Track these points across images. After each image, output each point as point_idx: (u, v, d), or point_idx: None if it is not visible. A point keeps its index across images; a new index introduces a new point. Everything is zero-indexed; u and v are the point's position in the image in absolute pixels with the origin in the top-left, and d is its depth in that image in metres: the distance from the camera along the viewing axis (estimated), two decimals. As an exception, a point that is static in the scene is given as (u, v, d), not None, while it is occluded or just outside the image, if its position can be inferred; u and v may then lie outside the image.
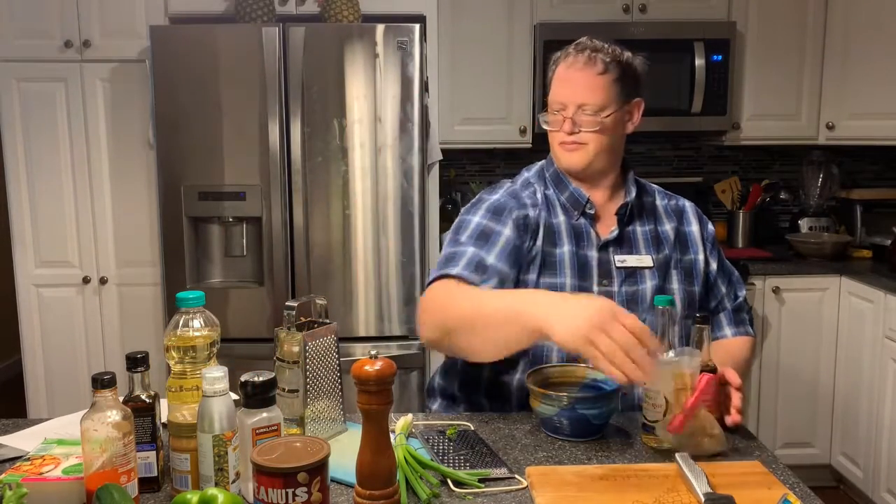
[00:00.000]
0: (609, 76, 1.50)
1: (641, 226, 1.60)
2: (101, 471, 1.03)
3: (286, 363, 1.29)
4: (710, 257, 1.64)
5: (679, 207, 1.67)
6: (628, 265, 1.55)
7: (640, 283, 1.55)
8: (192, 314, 1.16)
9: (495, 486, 1.16)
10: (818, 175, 3.48)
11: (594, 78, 1.49)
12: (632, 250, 1.57)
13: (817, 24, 3.24)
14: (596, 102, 1.49)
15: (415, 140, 2.78)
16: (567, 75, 1.51)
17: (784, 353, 3.12)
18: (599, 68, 1.49)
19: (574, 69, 1.50)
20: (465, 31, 3.17)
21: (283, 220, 2.79)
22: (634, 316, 1.17)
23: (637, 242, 1.59)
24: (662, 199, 1.66)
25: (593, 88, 1.49)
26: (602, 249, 1.56)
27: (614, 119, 1.52)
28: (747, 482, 1.14)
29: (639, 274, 1.56)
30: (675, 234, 1.61)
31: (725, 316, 1.66)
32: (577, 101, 1.49)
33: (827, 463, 3.17)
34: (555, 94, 1.54)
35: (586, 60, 1.50)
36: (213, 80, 2.74)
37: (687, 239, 1.63)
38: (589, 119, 1.50)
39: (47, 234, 3.09)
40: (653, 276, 1.56)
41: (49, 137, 3.05)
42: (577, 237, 1.55)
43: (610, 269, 1.55)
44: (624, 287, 1.54)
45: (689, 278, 1.59)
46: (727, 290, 1.67)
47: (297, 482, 0.94)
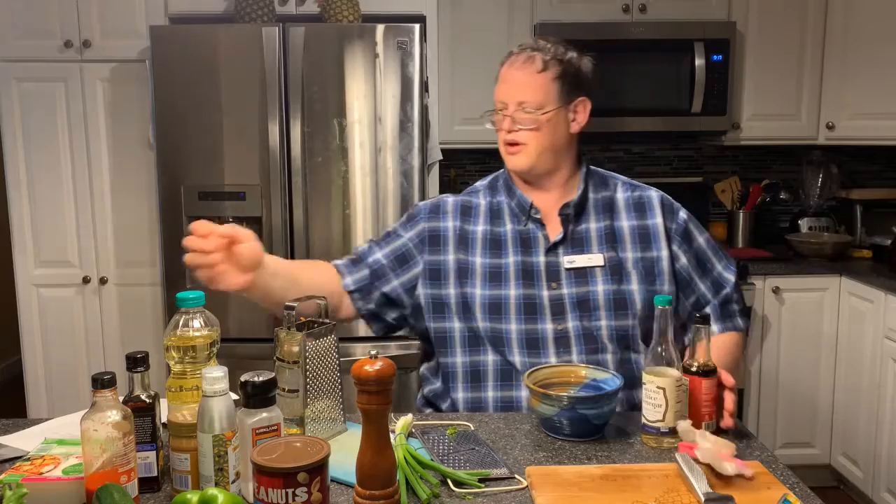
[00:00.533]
0: (548, 74, 1.51)
1: (596, 222, 1.57)
2: (101, 471, 1.03)
3: (286, 363, 1.29)
4: (680, 251, 1.58)
5: (643, 199, 1.61)
6: (577, 265, 1.54)
7: (591, 285, 1.53)
8: (192, 314, 1.16)
9: (495, 486, 1.16)
10: (818, 175, 3.48)
11: (532, 76, 1.51)
12: (583, 249, 1.55)
13: (817, 24, 3.24)
14: (534, 100, 1.50)
15: (415, 140, 2.78)
16: (507, 74, 1.54)
17: (784, 352, 3.12)
18: (538, 66, 1.51)
19: (514, 68, 1.53)
20: (465, 31, 3.17)
21: (283, 220, 2.79)
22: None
23: (590, 241, 1.56)
24: (625, 192, 1.62)
25: (531, 86, 1.51)
26: (550, 252, 1.55)
27: (554, 117, 1.52)
28: (747, 482, 1.14)
29: (589, 274, 1.53)
30: (634, 230, 1.57)
31: (711, 311, 1.60)
32: (516, 99, 1.51)
33: (827, 463, 3.17)
34: (496, 94, 1.56)
35: (525, 59, 1.52)
36: (213, 80, 2.74)
37: (649, 233, 1.57)
38: (527, 117, 1.51)
39: (47, 234, 3.09)
40: (605, 278, 1.53)
41: (49, 137, 3.05)
42: (523, 243, 1.56)
43: (558, 272, 1.54)
44: (574, 289, 1.53)
45: (651, 277, 1.54)
46: (708, 285, 1.60)
47: (297, 482, 0.94)
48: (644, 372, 1.30)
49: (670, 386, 1.26)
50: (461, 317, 1.55)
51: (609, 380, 1.38)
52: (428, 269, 1.58)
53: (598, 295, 1.52)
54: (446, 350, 1.57)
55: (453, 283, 1.56)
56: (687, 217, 1.62)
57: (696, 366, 1.29)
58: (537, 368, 1.42)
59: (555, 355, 1.51)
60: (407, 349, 2.84)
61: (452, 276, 1.56)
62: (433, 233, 1.60)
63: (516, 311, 1.52)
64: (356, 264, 1.60)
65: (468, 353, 1.55)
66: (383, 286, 1.58)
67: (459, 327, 1.55)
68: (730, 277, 1.62)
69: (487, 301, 1.53)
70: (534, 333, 1.52)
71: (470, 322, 1.54)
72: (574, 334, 1.51)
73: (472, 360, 1.55)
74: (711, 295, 1.61)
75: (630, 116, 3.23)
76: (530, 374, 1.39)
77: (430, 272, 1.58)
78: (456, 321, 1.55)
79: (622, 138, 3.62)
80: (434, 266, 1.58)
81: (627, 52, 3.16)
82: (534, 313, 1.52)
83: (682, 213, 1.62)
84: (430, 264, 1.58)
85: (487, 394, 1.54)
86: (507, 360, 1.53)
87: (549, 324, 1.52)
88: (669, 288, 1.55)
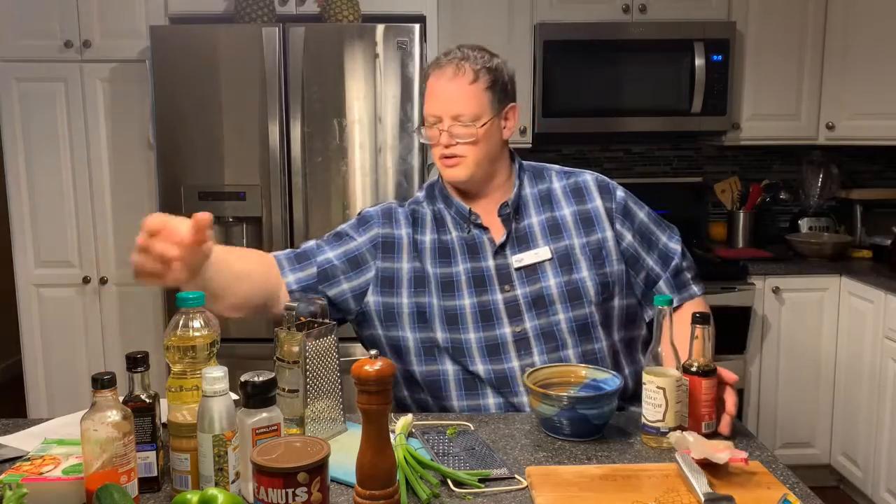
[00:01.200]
0: (479, 85, 1.49)
1: (538, 215, 1.57)
2: (101, 471, 1.03)
3: (286, 363, 1.29)
4: (623, 229, 1.57)
5: (578, 185, 1.60)
6: (526, 263, 1.53)
7: (542, 280, 1.52)
8: (192, 314, 1.16)
9: (495, 486, 1.16)
10: (818, 175, 3.48)
11: (465, 88, 1.48)
12: (529, 245, 1.54)
13: (817, 24, 3.24)
14: (470, 113, 1.48)
15: (415, 140, 2.78)
16: (438, 87, 1.50)
17: (784, 353, 3.12)
18: (469, 77, 1.48)
19: (444, 80, 1.49)
20: (465, 31, 3.17)
21: (283, 220, 2.79)
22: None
23: (534, 236, 1.55)
24: (560, 181, 1.61)
25: (465, 99, 1.48)
26: (498, 255, 1.54)
27: (489, 128, 1.50)
28: (747, 482, 1.14)
29: (539, 270, 1.53)
30: (576, 216, 1.57)
31: (665, 284, 1.58)
32: (451, 113, 1.48)
33: (827, 463, 3.17)
34: (429, 107, 1.52)
35: (455, 71, 1.49)
36: (213, 80, 2.74)
37: (591, 217, 1.57)
38: (464, 131, 1.49)
39: (47, 234, 3.09)
40: (555, 271, 1.52)
41: (49, 137, 3.05)
42: (470, 250, 1.55)
43: (509, 273, 1.53)
44: (527, 287, 1.52)
45: (600, 260, 1.54)
46: (657, 259, 1.59)
47: (297, 482, 0.94)
48: (644, 372, 1.30)
49: (670, 386, 1.26)
50: (415, 326, 1.53)
51: (609, 380, 1.38)
52: (381, 275, 1.54)
53: (552, 289, 1.51)
54: (401, 359, 1.55)
55: (406, 292, 1.53)
56: (625, 195, 1.62)
57: (696, 366, 1.29)
58: (537, 368, 1.42)
59: (516, 358, 1.50)
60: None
61: (406, 284, 1.53)
62: (387, 239, 1.56)
63: (473, 319, 1.51)
64: (301, 261, 1.54)
65: (424, 363, 1.53)
66: (330, 289, 1.53)
67: (413, 337, 1.53)
68: (676, 247, 1.61)
69: (444, 312, 1.51)
70: (493, 339, 1.51)
71: (427, 332, 1.52)
72: (533, 334, 1.50)
73: (429, 370, 1.53)
74: (661, 268, 1.59)
75: (630, 116, 3.23)
76: (530, 374, 1.39)
77: (382, 279, 1.54)
78: (409, 331, 1.53)
79: (622, 138, 3.62)
80: (387, 273, 1.54)
81: (627, 52, 3.16)
82: (490, 319, 1.51)
83: (619, 192, 1.61)
84: (383, 271, 1.55)
85: (452, 402, 1.52)
86: (468, 370, 1.51)
87: (506, 327, 1.51)
88: (618, 268, 1.55)
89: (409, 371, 1.55)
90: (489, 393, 1.51)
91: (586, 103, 3.20)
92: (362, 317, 1.57)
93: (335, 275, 1.54)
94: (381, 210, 1.61)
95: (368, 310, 1.55)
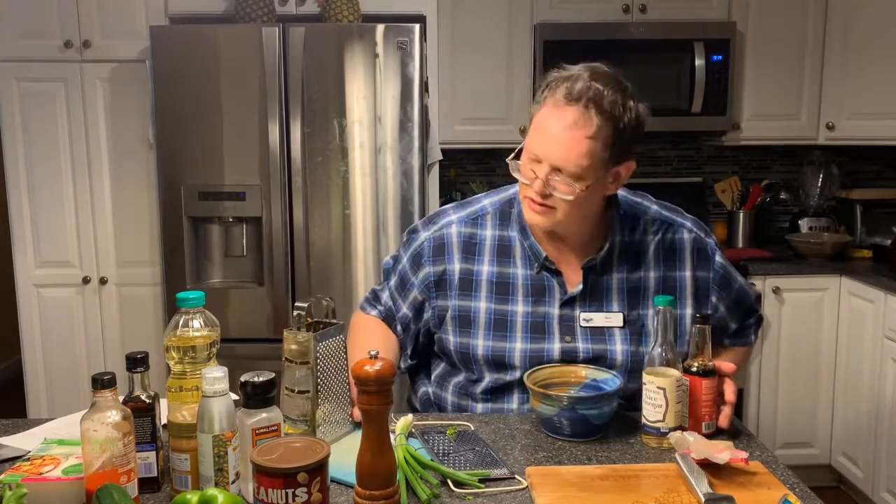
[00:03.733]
0: (599, 142, 1.28)
1: (619, 272, 1.44)
2: (101, 471, 1.03)
3: (295, 363, 1.28)
4: (719, 302, 1.47)
5: (674, 245, 1.45)
6: (594, 325, 1.42)
7: (609, 343, 1.42)
8: (192, 314, 1.16)
9: (495, 486, 1.16)
10: (818, 175, 3.48)
11: (580, 142, 1.28)
12: (602, 305, 1.42)
13: (817, 24, 3.24)
14: (575, 170, 1.29)
15: (415, 140, 2.78)
16: (551, 129, 1.30)
17: (784, 353, 3.12)
18: (590, 131, 1.28)
19: (561, 124, 1.29)
20: (465, 31, 3.17)
21: (283, 220, 2.79)
22: None
23: (610, 295, 1.43)
24: (655, 234, 1.45)
25: (576, 155, 1.28)
26: (565, 305, 1.43)
27: (593, 189, 1.33)
28: (747, 482, 1.14)
29: (607, 332, 1.43)
30: (660, 283, 1.44)
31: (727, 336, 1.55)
32: (555, 163, 1.30)
33: (827, 463, 3.17)
34: (532, 143, 1.33)
35: (577, 119, 1.28)
36: (213, 80, 2.74)
37: (675, 287, 1.44)
38: (564, 187, 1.31)
39: (47, 234, 3.09)
40: (624, 338, 1.42)
41: (49, 137, 3.05)
42: (535, 292, 1.44)
43: (573, 327, 1.43)
44: (590, 345, 1.42)
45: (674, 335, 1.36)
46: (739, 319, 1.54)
47: (297, 482, 0.94)
48: (644, 372, 1.30)
49: (670, 386, 1.26)
50: (461, 364, 1.49)
51: (609, 380, 1.38)
52: (437, 314, 1.50)
53: (616, 355, 1.42)
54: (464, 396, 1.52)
55: (452, 330, 1.47)
56: (723, 261, 1.48)
57: (696, 366, 1.29)
58: (537, 368, 1.42)
59: None
60: (407, 349, 2.84)
61: (451, 323, 1.47)
62: (438, 278, 1.49)
63: (521, 362, 1.43)
64: (390, 323, 1.56)
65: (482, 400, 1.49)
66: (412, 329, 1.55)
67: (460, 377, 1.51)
68: (758, 306, 1.57)
69: (490, 353, 1.44)
70: None
71: (471, 374, 1.48)
72: None
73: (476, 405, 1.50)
74: (735, 323, 1.55)
75: (630, 116, 3.22)
76: (530, 374, 1.39)
77: (437, 317, 1.50)
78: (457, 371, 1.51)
79: (622, 138, 3.61)
80: (441, 311, 1.50)
81: (627, 52, 3.16)
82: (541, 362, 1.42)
83: (717, 258, 1.47)
84: (438, 309, 1.50)
85: None
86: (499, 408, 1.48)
87: None
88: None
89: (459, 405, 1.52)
90: None
91: (586, 103, 3.19)
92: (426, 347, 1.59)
93: (410, 325, 1.55)
94: (434, 245, 1.49)
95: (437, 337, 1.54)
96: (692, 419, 1.29)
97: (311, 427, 1.27)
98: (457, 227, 1.50)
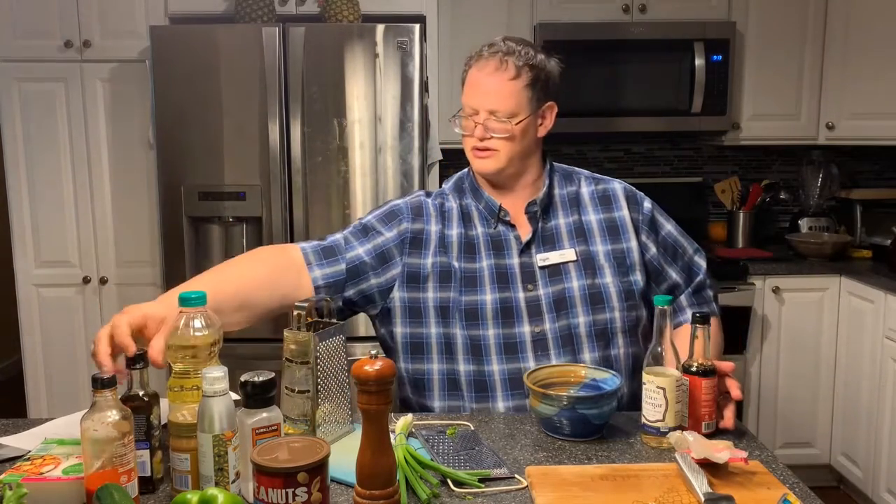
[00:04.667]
0: (520, 81, 1.49)
1: (565, 217, 1.57)
2: (101, 471, 1.03)
3: (295, 363, 1.28)
4: (649, 241, 1.58)
5: (607, 192, 1.61)
6: (550, 262, 1.53)
7: (565, 282, 1.52)
8: (193, 314, 1.16)
9: (495, 486, 1.16)
10: (818, 175, 3.49)
11: (505, 84, 1.48)
12: (554, 246, 1.55)
13: (817, 25, 3.24)
14: (507, 109, 1.48)
15: (415, 140, 2.78)
16: (478, 80, 1.50)
17: (784, 353, 3.12)
18: (511, 73, 1.48)
19: (485, 73, 1.49)
20: (465, 31, 3.17)
21: (283, 220, 2.79)
22: (124, 316, 1.22)
23: (560, 237, 1.56)
24: (589, 186, 1.61)
25: (504, 95, 1.48)
26: (523, 253, 1.54)
27: (525, 125, 1.50)
28: (747, 482, 1.14)
29: (564, 271, 1.53)
30: (602, 223, 1.57)
31: (686, 298, 1.60)
32: (488, 108, 1.48)
33: (827, 463, 3.17)
34: (466, 98, 1.52)
35: (497, 65, 1.48)
36: (213, 80, 2.74)
37: (617, 225, 1.57)
38: (500, 126, 1.49)
39: (47, 234, 3.09)
40: (579, 273, 1.53)
41: (49, 137, 3.05)
42: (495, 247, 1.55)
43: (533, 272, 1.53)
44: (550, 288, 1.52)
45: (623, 268, 1.54)
46: (680, 272, 1.60)
47: (297, 482, 0.94)
48: (644, 372, 1.30)
49: (670, 386, 1.26)
50: (439, 322, 1.52)
51: (609, 380, 1.38)
52: (407, 271, 1.53)
53: (574, 291, 1.52)
54: (421, 357, 1.53)
55: (433, 287, 1.52)
56: (652, 206, 1.62)
57: (696, 366, 1.29)
58: (537, 368, 1.42)
59: (533, 359, 1.49)
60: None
61: (432, 279, 1.53)
62: (416, 235, 1.56)
63: (493, 315, 1.50)
64: (328, 256, 1.53)
65: (444, 361, 1.52)
66: (359, 284, 1.53)
67: (436, 333, 1.52)
68: (701, 262, 1.63)
69: (464, 307, 1.51)
70: (511, 338, 1.50)
71: (448, 328, 1.52)
72: (552, 336, 1.50)
73: (448, 368, 1.52)
74: (684, 282, 1.61)
75: (630, 116, 3.23)
76: (530, 374, 1.39)
77: (408, 275, 1.53)
78: (433, 327, 1.52)
79: (622, 138, 3.62)
80: (413, 269, 1.54)
81: (627, 52, 3.16)
82: (511, 317, 1.51)
83: (646, 203, 1.62)
84: (410, 267, 1.54)
85: (465, 403, 1.52)
86: (481, 371, 1.50)
87: (526, 327, 1.50)
88: (641, 278, 1.55)
89: (427, 371, 1.53)
90: (499, 396, 1.50)
91: (586, 103, 3.20)
92: (385, 313, 1.56)
93: (364, 271, 1.53)
94: (411, 204, 1.60)
95: (393, 306, 1.54)
96: (692, 419, 1.29)
97: (311, 427, 1.27)
98: (429, 199, 1.62)
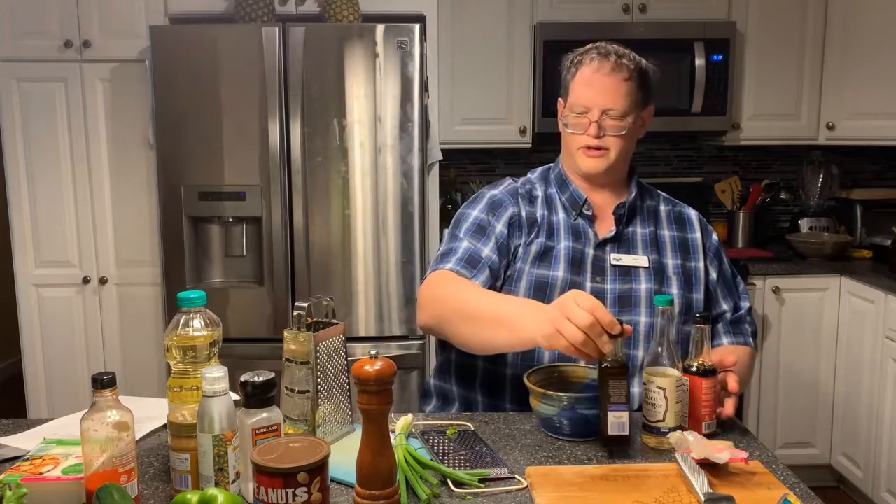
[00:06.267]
0: (633, 83, 1.54)
1: (642, 227, 1.62)
2: (101, 471, 1.03)
3: (295, 363, 1.28)
4: (711, 267, 1.64)
5: (682, 215, 1.68)
6: (623, 264, 1.57)
7: (634, 283, 1.56)
8: (193, 314, 1.16)
9: (495, 486, 1.16)
10: (818, 175, 3.49)
11: (621, 84, 1.52)
12: (629, 250, 1.59)
13: (817, 24, 3.24)
14: (621, 107, 1.52)
15: (415, 140, 2.78)
16: (593, 79, 1.53)
17: (784, 353, 3.12)
18: (625, 75, 1.53)
19: (601, 74, 1.53)
20: (465, 31, 3.17)
21: (283, 220, 2.79)
22: (591, 297, 1.20)
23: (635, 243, 1.61)
24: (666, 206, 1.69)
25: (621, 94, 1.52)
26: (599, 247, 1.58)
27: (633, 125, 1.56)
28: (747, 482, 1.14)
29: (633, 273, 1.57)
30: (675, 240, 1.63)
31: (723, 326, 1.64)
32: (603, 106, 1.52)
33: (827, 463, 3.17)
34: (578, 98, 1.55)
35: (613, 66, 1.52)
36: (213, 80, 2.74)
37: (689, 245, 1.64)
38: (614, 124, 1.53)
39: (47, 234, 3.09)
40: (648, 278, 1.57)
41: (49, 137, 3.05)
42: (574, 235, 1.58)
43: (604, 267, 1.57)
44: (617, 285, 1.56)
45: (689, 285, 1.60)
46: (727, 302, 1.65)
47: (297, 482, 0.94)
48: (644, 372, 1.30)
49: (670, 386, 1.26)
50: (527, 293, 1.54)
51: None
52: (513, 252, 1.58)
53: (641, 293, 1.55)
54: None
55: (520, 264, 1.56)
56: (718, 241, 1.70)
57: (696, 366, 1.29)
58: (537, 368, 1.42)
59: None
60: (407, 349, 2.84)
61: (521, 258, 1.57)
62: (517, 219, 1.59)
63: (561, 292, 1.49)
64: (475, 266, 1.54)
65: None
66: (498, 283, 1.57)
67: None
68: (745, 304, 1.68)
69: (535, 278, 1.54)
70: None
71: None
72: None
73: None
74: (729, 314, 1.66)
75: (630, 116, 3.22)
76: (530, 374, 1.39)
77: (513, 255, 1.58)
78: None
79: (622, 138, 3.61)
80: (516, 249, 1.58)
81: (627, 52, 3.16)
82: None
83: (714, 236, 1.69)
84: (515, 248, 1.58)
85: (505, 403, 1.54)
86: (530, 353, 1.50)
87: None
88: (700, 298, 1.60)
89: None
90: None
91: (586, 103, 3.19)
92: None
93: (499, 269, 1.56)
94: (508, 192, 1.63)
95: None
96: (692, 419, 1.29)
97: (311, 427, 1.27)
98: (517, 184, 1.66)
